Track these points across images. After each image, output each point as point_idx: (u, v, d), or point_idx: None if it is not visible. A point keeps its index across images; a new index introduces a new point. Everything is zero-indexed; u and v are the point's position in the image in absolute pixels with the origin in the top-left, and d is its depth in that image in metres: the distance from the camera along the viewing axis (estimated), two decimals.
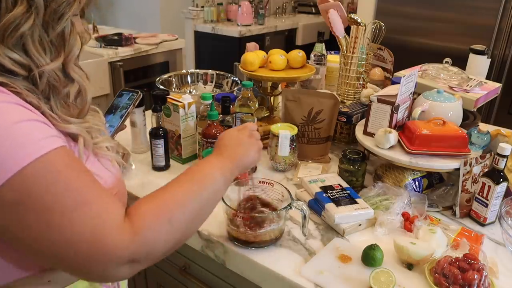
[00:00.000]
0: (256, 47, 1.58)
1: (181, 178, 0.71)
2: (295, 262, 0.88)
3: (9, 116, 0.54)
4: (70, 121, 0.64)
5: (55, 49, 0.62)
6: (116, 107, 1.12)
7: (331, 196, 1.03)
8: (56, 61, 0.62)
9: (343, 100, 1.45)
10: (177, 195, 0.66)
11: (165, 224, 0.61)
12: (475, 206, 1.03)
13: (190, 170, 0.73)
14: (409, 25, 2.91)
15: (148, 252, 0.59)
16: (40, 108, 0.60)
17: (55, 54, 0.62)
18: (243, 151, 0.82)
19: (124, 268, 0.58)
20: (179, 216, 0.64)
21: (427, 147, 1.05)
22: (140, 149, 1.33)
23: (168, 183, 0.69)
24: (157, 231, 0.60)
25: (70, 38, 0.62)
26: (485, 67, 1.59)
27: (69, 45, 0.63)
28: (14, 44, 0.57)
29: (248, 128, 0.87)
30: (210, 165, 0.76)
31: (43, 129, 0.57)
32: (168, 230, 0.62)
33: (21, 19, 0.57)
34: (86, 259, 0.55)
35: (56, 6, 0.59)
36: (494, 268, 0.86)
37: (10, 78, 0.58)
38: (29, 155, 0.53)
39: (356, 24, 1.36)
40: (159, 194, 0.66)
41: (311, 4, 4.71)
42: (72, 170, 0.57)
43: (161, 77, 1.57)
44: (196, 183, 0.70)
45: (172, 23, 3.95)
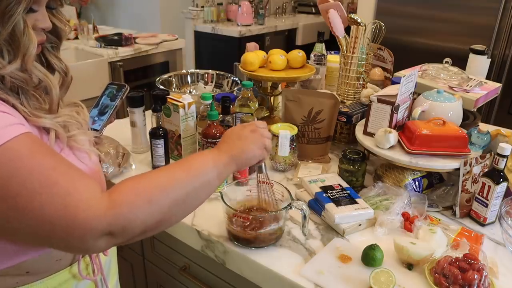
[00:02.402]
0: (256, 47, 1.58)
1: (171, 164, 0.72)
2: (295, 262, 0.88)
3: None
4: (41, 116, 0.65)
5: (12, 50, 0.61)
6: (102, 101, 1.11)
7: (331, 196, 1.03)
8: (14, 62, 0.62)
9: (343, 100, 1.45)
10: (162, 178, 0.67)
11: (144, 202, 0.62)
12: (475, 206, 1.03)
13: (184, 160, 0.74)
14: (409, 25, 2.91)
15: (124, 226, 0.60)
16: (9, 103, 0.61)
17: (13, 55, 0.62)
18: (242, 145, 0.80)
19: (102, 240, 0.59)
20: (160, 198, 0.64)
21: (427, 147, 1.05)
22: (140, 149, 1.33)
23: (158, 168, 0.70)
24: (135, 207, 0.61)
25: (23, 37, 0.62)
26: (485, 67, 1.59)
27: (24, 45, 0.62)
28: None
29: (253, 123, 0.85)
30: (204, 156, 0.75)
31: (5, 118, 0.58)
32: (147, 209, 0.62)
33: None
34: (63, 235, 0.58)
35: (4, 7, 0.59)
36: (494, 268, 0.86)
37: None
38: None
39: (356, 24, 1.36)
40: (145, 175, 0.67)
41: (311, 4, 4.71)
42: (36, 155, 0.58)
43: (161, 77, 1.57)
44: (184, 170, 0.70)
45: (172, 23, 3.95)
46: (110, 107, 1.07)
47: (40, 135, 0.64)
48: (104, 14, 4.25)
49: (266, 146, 0.83)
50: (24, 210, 0.56)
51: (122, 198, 0.61)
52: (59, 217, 0.56)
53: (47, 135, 0.66)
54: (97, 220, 0.57)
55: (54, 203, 0.56)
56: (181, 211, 0.69)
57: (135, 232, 0.62)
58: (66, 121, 0.69)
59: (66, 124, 0.69)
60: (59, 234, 0.58)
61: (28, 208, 0.56)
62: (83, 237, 0.58)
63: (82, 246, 0.60)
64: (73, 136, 0.70)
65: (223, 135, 0.84)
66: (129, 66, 2.73)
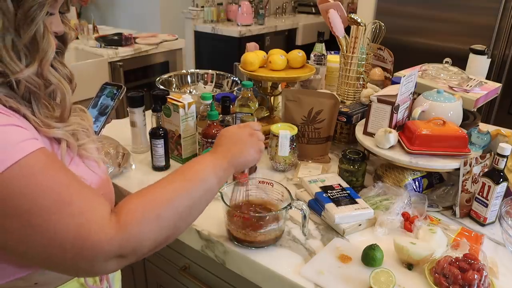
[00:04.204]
0: (256, 47, 1.58)
1: (172, 175, 0.70)
2: (295, 262, 0.88)
3: None
4: (52, 125, 0.63)
5: (29, 53, 0.60)
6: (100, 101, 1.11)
7: (331, 196, 1.03)
8: (31, 66, 0.60)
9: (343, 100, 1.45)
10: (166, 192, 0.66)
11: (152, 220, 0.61)
12: (475, 206, 1.03)
13: (182, 167, 0.73)
14: (409, 25, 2.91)
15: (134, 248, 0.59)
16: (20, 112, 0.59)
17: (30, 59, 0.60)
18: (240, 150, 0.79)
19: (111, 262, 0.58)
20: (168, 213, 0.64)
21: (427, 147, 1.05)
22: (140, 149, 1.33)
23: (159, 180, 0.69)
24: (144, 226, 0.60)
25: (43, 41, 0.60)
26: (485, 67, 1.59)
27: (43, 49, 0.61)
28: None
29: (250, 126, 0.85)
30: (204, 163, 0.74)
31: (20, 133, 0.56)
32: (156, 227, 0.62)
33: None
34: (73, 257, 0.56)
35: (27, 10, 0.57)
36: (494, 268, 0.86)
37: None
38: (5, 160, 0.53)
39: (356, 24, 1.36)
40: (149, 190, 0.66)
41: (311, 4, 4.71)
42: (50, 172, 0.56)
43: (161, 77, 1.57)
44: (187, 181, 0.69)
45: (172, 23, 3.95)
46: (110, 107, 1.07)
47: (50, 145, 0.63)
48: (104, 14, 4.25)
49: (261, 150, 0.84)
50: (37, 229, 0.54)
51: (131, 219, 0.59)
52: (71, 238, 0.55)
53: (57, 145, 0.64)
54: (109, 243, 0.56)
55: (67, 223, 0.55)
56: (187, 223, 0.69)
57: (145, 251, 0.62)
58: (75, 130, 0.68)
59: (75, 132, 0.68)
60: (69, 256, 0.56)
61: (41, 227, 0.54)
62: (93, 260, 0.57)
63: (91, 269, 0.58)
64: (83, 145, 0.68)
65: (219, 135, 0.83)
66: (129, 66, 2.73)
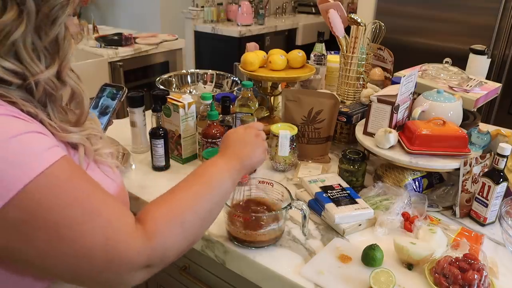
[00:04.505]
0: (256, 47, 1.58)
1: (189, 180, 0.70)
2: (295, 262, 0.88)
3: (6, 130, 0.51)
4: (69, 130, 0.62)
5: (49, 55, 0.58)
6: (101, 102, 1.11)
7: (331, 196, 1.03)
8: (51, 68, 0.58)
9: (343, 100, 1.45)
10: (187, 198, 0.65)
11: (177, 227, 0.61)
12: (475, 206, 1.03)
13: (197, 172, 0.72)
14: (409, 25, 2.91)
15: (162, 256, 0.59)
16: (37, 117, 0.57)
17: (50, 60, 0.58)
18: (250, 151, 0.81)
19: (140, 273, 0.57)
20: (191, 219, 0.64)
21: (427, 147, 1.05)
22: (140, 149, 1.33)
23: (176, 185, 0.68)
24: (170, 235, 0.60)
25: (64, 43, 0.59)
26: (485, 67, 1.59)
27: (64, 50, 0.59)
28: (6, 52, 0.54)
29: (255, 127, 0.86)
30: (218, 166, 0.75)
31: (42, 140, 0.54)
32: (181, 234, 0.62)
33: (12, 25, 0.53)
34: (102, 269, 0.54)
35: (49, 10, 0.56)
36: (494, 268, 0.86)
37: (4, 88, 0.55)
38: (31, 170, 0.51)
39: (356, 24, 1.36)
40: (170, 197, 0.65)
41: (311, 4, 4.71)
42: (75, 181, 0.55)
43: (161, 77, 1.57)
44: (205, 185, 0.69)
45: (172, 23, 3.95)
46: (111, 108, 1.07)
47: (67, 151, 0.61)
48: (104, 14, 4.25)
49: (267, 150, 0.86)
50: (65, 241, 0.52)
51: (157, 228, 0.59)
52: (100, 249, 0.53)
53: (73, 150, 0.63)
54: (138, 254, 0.56)
55: (96, 234, 0.53)
56: (207, 227, 0.70)
57: (171, 260, 0.61)
58: (90, 134, 0.66)
59: (89, 137, 0.66)
60: (97, 268, 0.54)
61: (69, 239, 0.52)
62: (122, 272, 0.56)
63: (120, 281, 0.57)
64: (98, 150, 0.67)
65: (225, 137, 0.84)
66: (129, 66, 2.73)
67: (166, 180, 1.19)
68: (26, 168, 0.50)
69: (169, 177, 1.21)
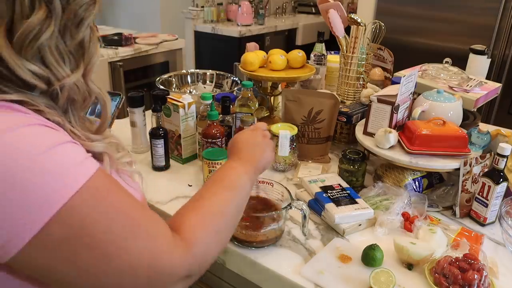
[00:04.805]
0: (256, 47, 1.58)
1: (212, 187, 0.70)
2: (295, 262, 0.88)
3: (40, 142, 0.47)
4: (92, 138, 0.58)
5: (73, 58, 0.55)
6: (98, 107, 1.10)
7: (331, 196, 1.03)
8: (77, 72, 0.55)
9: (343, 100, 1.45)
10: (216, 204, 0.65)
11: (213, 235, 0.61)
12: (475, 206, 1.03)
13: (218, 178, 0.72)
14: (409, 25, 2.91)
15: (201, 266, 0.59)
16: (65, 126, 0.54)
17: (74, 64, 0.55)
18: (261, 152, 0.82)
19: (180, 283, 0.57)
20: (224, 225, 0.64)
21: (427, 147, 1.05)
22: (140, 149, 1.33)
23: (200, 193, 0.68)
24: (207, 243, 0.60)
25: (90, 45, 0.56)
26: (485, 67, 1.59)
27: (89, 53, 0.56)
28: (32, 55, 0.51)
29: (261, 128, 0.88)
30: (237, 170, 0.75)
31: (78, 151, 0.51)
32: (216, 241, 0.62)
33: (41, 26, 0.50)
34: (146, 283, 0.53)
35: (75, 10, 0.53)
36: (494, 268, 0.86)
37: (28, 95, 0.51)
38: (74, 182, 0.47)
39: (356, 24, 1.36)
40: (199, 205, 0.64)
41: (311, 4, 4.70)
42: (114, 193, 0.53)
43: (161, 77, 1.57)
44: (229, 190, 0.69)
45: (172, 23, 3.95)
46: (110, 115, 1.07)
47: None
48: (104, 14, 4.25)
49: (274, 149, 0.87)
50: (110, 258, 0.49)
51: (194, 236, 0.58)
52: (145, 263, 0.51)
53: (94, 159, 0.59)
54: (180, 265, 0.55)
55: (139, 248, 0.51)
56: (234, 230, 0.70)
57: (207, 267, 0.61)
58: (111, 142, 0.63)
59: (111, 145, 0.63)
60: (142, 282, 0.52)
61: (114, 255, 0.50)
62: (165, 284, 0.54)
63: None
64: (120, 159, 0.64)
65: (234, 141, 0.84)
66: (129, 66, 2.73)
67: (166, 180, 1.19)
68: (68, 180, 0.47)
69: (169, 177, 1.21)
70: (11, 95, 0.50)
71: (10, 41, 0.49)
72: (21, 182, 0.45)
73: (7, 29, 0.49)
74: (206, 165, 1.10)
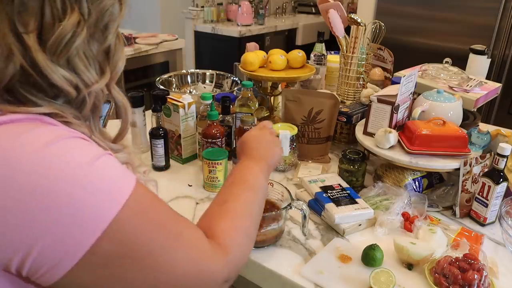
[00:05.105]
0: (256, 47, 1.58)
1: (233, 189, 0.70)
2: (295, 262, 0.88)
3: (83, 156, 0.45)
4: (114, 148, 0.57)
5: (98, 63, 0.52)
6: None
7: (331, 196, 1.03)
8: (104, 78, 0.52)
9: (343, 100, 1.45)
10: (241, 206, 0.66)
11: (244, 237, 0.62)
12: (475, 206, 1.03)
13: (236, 179, 0.73)
14: (409, 25, 2.91)
15: (238, 268, 0.59)
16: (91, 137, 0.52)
17: (100, 70, 0.52)
18: (271, 150, 0.84)
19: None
20: (252, 226, 0.65)
21: (427, 147, 1.05)
22: (140, 149, 1.33)
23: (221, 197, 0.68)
24: (241, 246, 0.60)
25: (116, 50, 0.54)
26: (485, 67, 1.59)
27: (115, 58, 0.54)
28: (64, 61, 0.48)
29: (267, 126, 0.89)
30: (253, 170, 0.76)
31: (115, 162, 0.49)
32: (248, 242, 0.63)
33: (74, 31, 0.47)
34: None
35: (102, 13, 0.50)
36: (494, 268, 0.86)
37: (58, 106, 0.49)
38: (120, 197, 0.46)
39: (356, 24, 1.36)
40: (225, 209, 0.64)
41: (311, 4, 4.71)
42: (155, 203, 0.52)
43: (161, 77, 1.57)
44: (250, 190, 0.70)
45: (172, 23, 3.95)
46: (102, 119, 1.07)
47: None
48: None
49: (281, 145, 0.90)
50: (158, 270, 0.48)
51: (230, 242, 0.58)
52: (190, 272, 0.51)
53: None
54: (221, 271, 0.55)
55: (185, 258, 0.51)
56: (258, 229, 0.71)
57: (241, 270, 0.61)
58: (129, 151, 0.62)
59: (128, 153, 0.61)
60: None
61: (162, 267, 0.49)
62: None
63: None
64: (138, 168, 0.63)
65: (244, 141, 0.85)
66: (129, 66, 2.73)
67: (166, 180, 1.19)
68: (115, 194, 0.46)
69: (169, 177, 1.21)
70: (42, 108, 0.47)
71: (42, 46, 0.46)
72: (70, 199, 0.43)
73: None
74: (206, 165, 1.10)
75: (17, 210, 0.41)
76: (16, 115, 0.45)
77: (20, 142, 0.43)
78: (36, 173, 0.42)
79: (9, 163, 0.42)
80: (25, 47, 0.45)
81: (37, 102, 0.48)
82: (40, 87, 0.48)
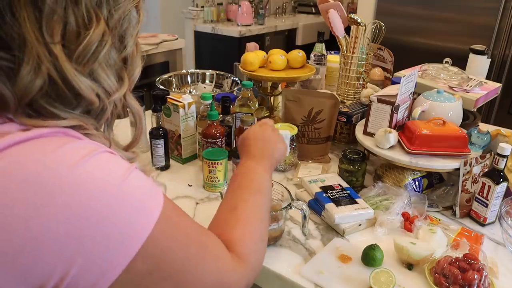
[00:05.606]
0: (256, 47, 1.58)
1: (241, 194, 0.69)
2: (295, 262, 0.88)
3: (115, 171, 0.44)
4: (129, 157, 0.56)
5: (116, 71, 0.50)
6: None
7: (331, 196, 1.03)
8: (124, 86, 0.51)
9: (343, 100, 1.45)
10: (252, 211, 0.66)
11: (259, 242, 0.63)
12: (475, 206, 1.03)
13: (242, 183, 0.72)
14: (409, 25, 2.92)
15: (256, 274, 0.60)
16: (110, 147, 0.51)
17: (118, 77, 0.51)
18: (273, 146, 0.83)
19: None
20: (264, 230, 0.66)
21: (427, 147, 1.05)
22: (140, 149, 1.33)
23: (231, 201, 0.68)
24: (257, 252, 0.61)
25: (134, 57, 0.52)
26: (485, 67, 1.59)
27: (133, 65, 0.52)
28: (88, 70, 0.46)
29: (268, 123, 0.89)
30: (257, 171, 0.75)
31: (143, 175, 0.48)
32: (262, 247, 0.63)
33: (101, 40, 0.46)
34: None
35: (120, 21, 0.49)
36: (494, 268, 0.86)
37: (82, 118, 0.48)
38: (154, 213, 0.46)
39: (356, 24, 1.36)
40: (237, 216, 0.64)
41: (311, 4, 4.71)
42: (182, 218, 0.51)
43: (161, 77, 1.57)
44: (257, 193, 0.70)
45: (172, 23, 3.95)
46: None
47: None
48: None
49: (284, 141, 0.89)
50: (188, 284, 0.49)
51: (247, 250, 0.59)
52: (215, 284, 0.52)
53: None
54: (242, 279, 0.56)
55: (211, 271, 0.52)
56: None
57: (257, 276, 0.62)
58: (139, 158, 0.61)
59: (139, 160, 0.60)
60: None
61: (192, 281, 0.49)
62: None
63: None
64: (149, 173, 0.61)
65: (245, 138, 0.84)
66: None
67: (166, 180, 1.19)
68: (149, 210, 0.45)
69: (169, 177, 1.21)
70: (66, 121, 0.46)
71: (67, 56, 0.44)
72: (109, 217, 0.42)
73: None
74: (206, 165, 1.10)
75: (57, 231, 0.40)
76: (41, 130, 0.43)
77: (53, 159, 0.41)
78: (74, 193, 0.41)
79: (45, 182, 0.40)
80: (53, 57, 0.43)
81: (59, 114, 0.46)
82: (64, 99, 0.46)
